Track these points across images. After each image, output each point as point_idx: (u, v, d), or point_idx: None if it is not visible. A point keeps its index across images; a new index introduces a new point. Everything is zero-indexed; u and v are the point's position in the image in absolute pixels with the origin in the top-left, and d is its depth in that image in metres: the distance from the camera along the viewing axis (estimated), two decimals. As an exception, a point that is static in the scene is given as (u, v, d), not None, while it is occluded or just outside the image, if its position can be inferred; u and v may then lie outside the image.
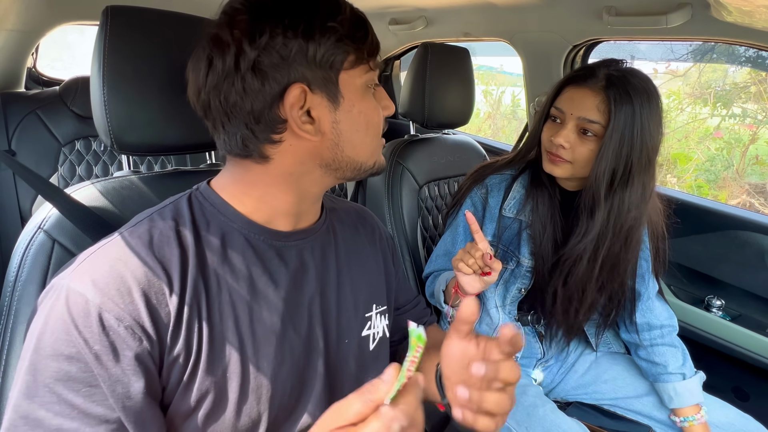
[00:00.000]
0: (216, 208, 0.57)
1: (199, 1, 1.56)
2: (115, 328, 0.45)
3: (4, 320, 0.62)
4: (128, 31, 0.67)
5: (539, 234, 1.02)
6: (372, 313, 0.68)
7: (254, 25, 0.50)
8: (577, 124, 0.92)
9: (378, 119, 0.59)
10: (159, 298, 0.48)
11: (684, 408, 1.01)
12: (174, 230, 0.53)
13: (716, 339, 1.31)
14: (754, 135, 3.13)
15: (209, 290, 0.52)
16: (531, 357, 1.14)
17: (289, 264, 0.59)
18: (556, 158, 0.95)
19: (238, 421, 0.52)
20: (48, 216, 0.65)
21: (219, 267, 0.54)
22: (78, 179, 1.59)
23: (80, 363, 0.44)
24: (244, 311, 0.53)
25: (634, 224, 0.96)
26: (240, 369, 0.52)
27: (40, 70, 2.10)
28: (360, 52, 0.54)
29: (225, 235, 0.56)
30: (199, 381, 0.49)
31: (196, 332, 0.50)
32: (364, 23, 0.55)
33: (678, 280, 1.44)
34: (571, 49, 1.51)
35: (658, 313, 1.08)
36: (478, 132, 4.35)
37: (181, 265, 0.51)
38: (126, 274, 0.48)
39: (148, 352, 0.47)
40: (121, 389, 0.45)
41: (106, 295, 0.46)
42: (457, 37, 1.84)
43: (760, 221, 1.29)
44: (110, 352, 0.45)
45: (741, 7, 0.92)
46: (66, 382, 0.44)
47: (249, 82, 0.50)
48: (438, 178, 1.39)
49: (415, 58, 1.35)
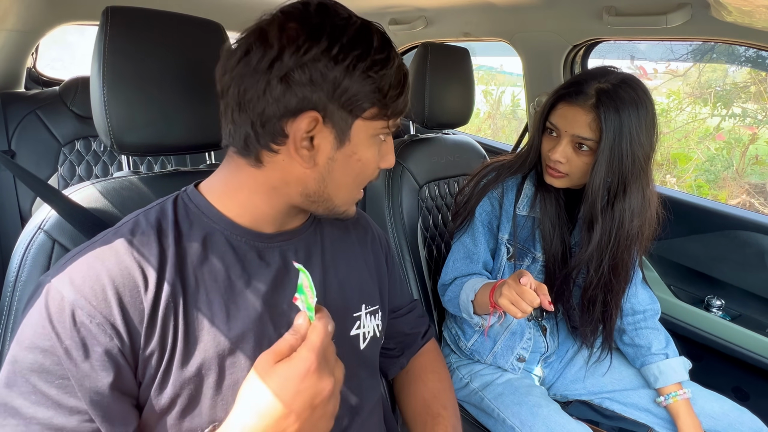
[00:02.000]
0: (200, 209, 0.58)
1: (199, 1, 1.57)
2: (87, 324, 0.47)
3: (4, 320, 0.62)
4: (128, 31, 0.67)
5: (549, 232, 1.05)
6: (361, 313, 0.69)
7: (304, 39, 0.50)
8: (572, 140, 0.94)
9: (370, 173, 0.59)
10: (133, 296, 0.50)
11: (667, 386, 1.04)
12: (156, 230, 0.55)
13: (716, 339, 1.31)
14: (754, 135, 3.13)
15: (186, 289, 0.53)
16: (536, 352, 1.15)
17: (271, 264, 0.60)
18: (554, 172, 0.98)
19: (215, 415, 0.53)
20: (48, 216, 0.66)
21: (198, 267, 0.55)
22: (78, 179, 1.59)
23: (53, 356, 0.46)
24: (221, 310, 0.54)
25: (639, 231, 0.98)
26: (216, 365, 0.53)
27: (40, 70, 2.10)
28: (386, 108, 0.55)
29: (207, 236, 0.57)
30: (174, 377, 0.51)
31: (171, 330, 0.51)
32: (403, 86, 0.55)
33: (678, 280, 1.44)
34: (571, 49, 1.51)
35: (641, 298, 1.12)
36: (478, 132, 4.36)
37: (159, 265, 0.52)
38: (102, 272, 0.49)
39: (118, 349, 0.48)
40: (89, 383, 0.47)
41: (80, 293, 0.48)
42: (457, 37, 1.84)
43: (760, 221, 1.28)
44: (80, 348, 0.47)
45: (741, 7, 0.92)
46: (40, 374, 0.46)
47: (273, 87, 0.50)
48: (438, 178, 1.39)
49: (415, 58, 1.35)
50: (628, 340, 1.11)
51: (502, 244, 1.09)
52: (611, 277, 1.01)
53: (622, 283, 1.03)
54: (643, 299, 1.12)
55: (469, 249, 1.10)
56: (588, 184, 0.94)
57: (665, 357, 1.06)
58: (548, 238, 1.05)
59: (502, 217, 1.08)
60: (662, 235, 1.08)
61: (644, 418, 1.07)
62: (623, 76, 0.93)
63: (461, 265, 1.10)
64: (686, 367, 1.06)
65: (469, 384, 1.14)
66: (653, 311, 1.12)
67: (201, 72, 0.72)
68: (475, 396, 1.11)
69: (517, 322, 1.12)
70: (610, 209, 0.95)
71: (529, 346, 1.13)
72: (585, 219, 0.98)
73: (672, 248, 1.41)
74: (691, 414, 1.00)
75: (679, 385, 1.04)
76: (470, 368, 1.15)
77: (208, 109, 0.74)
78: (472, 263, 1.09)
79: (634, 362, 1.12)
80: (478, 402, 1.10)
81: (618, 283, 1.02)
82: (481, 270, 1.09)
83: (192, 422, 0.52)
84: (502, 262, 1.10)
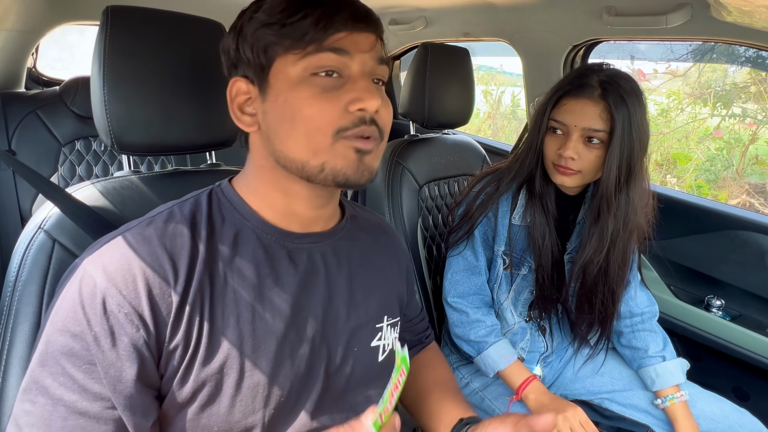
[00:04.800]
0: (233, 204, 0.58)
1: (199, 1, 1.57)
2: (116, 313, 0.47)
3: (4, 320, 0.62)
4: (128, 31, 0.67)
5: (539, 244, 1.04)
6: (383, 324, 0.67)
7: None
8: (582, 134, 0.94)
9: (311, 112, 0.52)
10: (163, 289, 0.50)
11: (665, 389, 1.03)
12: (189, 224, 0.54)
13: (716, 339, 1.31)
14: (754, 135, 3.13)
15: (214, 286, 0.53)
16: (535, 351, 1.15)
17: (298, 266, 0.59)
18: (566, 170, 0.96)
19: (231, 415, 0.52)
20: (48, 216, 0.65)
21: (228, 264, 0.54)
22: (78, 179, 1.59)
23: (83, 341, 0.47)
24: (247, 309, 0.54)
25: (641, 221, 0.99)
26: (238, 365, 0.52)
27: (40, 70, 2.10)
28: (287, 39, 0.51)
29: (238, 233, 0.56)
30: (196, 372, 0.51)
31: (196, 325, 0.51)
32: (295, 5, 0.52)
33: (678, 280, 1.44)
34: (571, 49, 1.50)
35: (640, 300, 1.12)
36: (478, 132, 4.35)
37: (190, 259, 0.52)
38: (134, 263, 0.50)
39: (144, 341, 0.48)
40: (114, 372, 0.47)
41: (112, 281, 0.48)
42: (457, 37, 1.84)
43: (760, 221, 1.28)
44: (108, 336, 0.47)
45: (741, 7, 0.92)
46: (70, 357, 0.47)
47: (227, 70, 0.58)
48: (438, 178, 1.39)
49: (415, 58, 1.35)
50: (626, 342, 1.11)
51: (498, 255, 1.09)
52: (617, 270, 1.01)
53: (621, 276, 1.02)
54: (642, 302, 1.12)
55: (471, 262, 1.10)
56: (603, 178, 0.93)
57: (662, 360, 1.05)
58: (538, 247, 1.04)
59: (498, 228, 1.07)
60: (662, 235, 1.08)
61: (643, 418, 1.06)
62: (616, 69, 0.97)
63: (463, 278, 1.10)
64: (684, 369, 1.06)
65: (469, 384, 1.14)
66: (651, 313, 1.12)
67: (201, 71, 0.72)
68: (475, 396, 1.11)
69: (518, 326, 1.12)
70: (616, 202, 0.95)
71: (527, 347, 1.13)
72: (594, 213, 0.97)
73: (672, 248, 1.41)
74: (688, 417, 1.00)
75: (676, 388, 1.03)
76: (471, 368, 1.15)
77: (209, 108, 0.74)
78: (475, 275, 1.10)
79: (631, 364, 1.12)
80: (478, 402, 1.11)
81: (618, 276, 1.02)
82: (484, 282, 1.10)
83: (209, 419, 0.52)
84: (499, 272, 1.10)
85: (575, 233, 1.09)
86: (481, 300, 1.10)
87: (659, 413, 1.05)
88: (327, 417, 0.59)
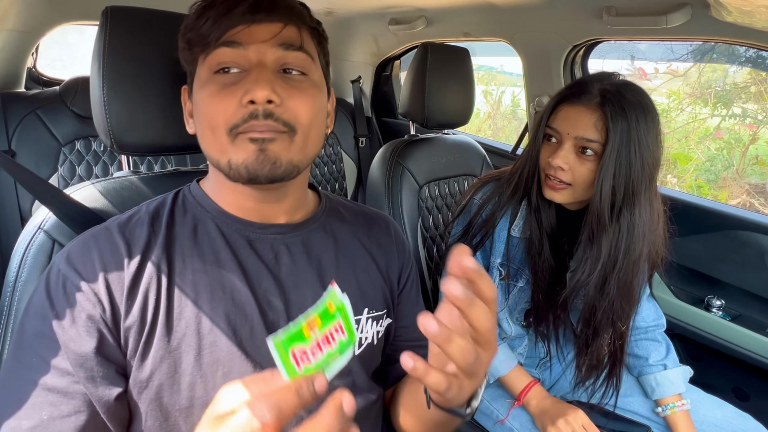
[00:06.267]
0: (196, 199, 0.62)
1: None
2: (75, 293, 0.52)
3: (5, 320, 0.62)
4: (128, 31, 0.67)
5: (535, 261, 0.99)
6: (361, 317, 0.66)
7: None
8: (575, 143, 0.88)
9: (209, 110, 0.53)
10: (117, 270, 0.54)
11: (666, 398, 1.02)
12: (151, 217, 0.59)
13: (716, 339, 1.31)
14: (754, 135, 3.13)
15: (172, 269, 0.56)
16: (534, 357, 1.14)
17: (261, 255, 0.60)
18: (555, 184, 0.91)
19: (194, 392, 0.54)
20: (48, 216, 0.66)
21: (187, 250, 0.57)
22: (78, 179, 1.59)
23: (48, 321, 0.51)
24: (206, 291, 0.56)
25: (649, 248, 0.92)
26: (195, 342, 0.54)
27: (40, 70, 2.10)
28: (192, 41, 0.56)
29: (198, 223, 0.60)
30: (155, 349, 0.53)
31: (152, 304, 0.54)
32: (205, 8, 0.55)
33: (678, 280, 1.44)
34: (571, 49, 1.51)
35: (646, 314, 1.08)
36: (478, 132, 4.35)
37: (146, 246, 0.56)
38: (93, 248, 0.54)
39: (100, 316, 0.52)
40: (74, 346, 0.50)
41: (72, 265, 0.53)
42: (457, 37, 1.84)
43: (760, 221, 1.28)
44: (69, 314, 0.51)
45: (741, 7, 0.92)
46: (40, 338, 0.51)
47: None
48: (438, 178, 1.39)
49: (415, 58, 1.35)
50: (628, 350, 1.07)
51: (494, 267, 1.06)
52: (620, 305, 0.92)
53: (626, 311, 0.94)
54: (648, 315, 1.07)
55: None
56: (595, 192, 0.86)
57: (663, 368, 1.03)
58: (534, 264, 0.99)
59: (495, 240, 1.04)
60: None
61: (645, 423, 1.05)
62: (626, 80, 0.90)
63: None
64: (686, 378, 1.03)
65: (468, 385, 1.13)
66: (657, 327, 1.08)
67: (201, 72, 0.72)
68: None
69: (515, 334, 1.10)
70: (616, 223, 0.88)
71: (525, 352, 1.12)
72: (588, 234, 0.90)
73: (672, 248, 1.41)
74: (689, 426, 0.98)
75: (678, 397, 1.01)
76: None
77: (208, 109, 0.74)
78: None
79: (632, 371, 1.10)
80: (477, 403, 1.10)
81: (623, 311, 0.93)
82: None
83: (172, 397, 0.54)
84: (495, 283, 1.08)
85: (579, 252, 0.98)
86: None
87: (661, 420, 1.04)
88: None
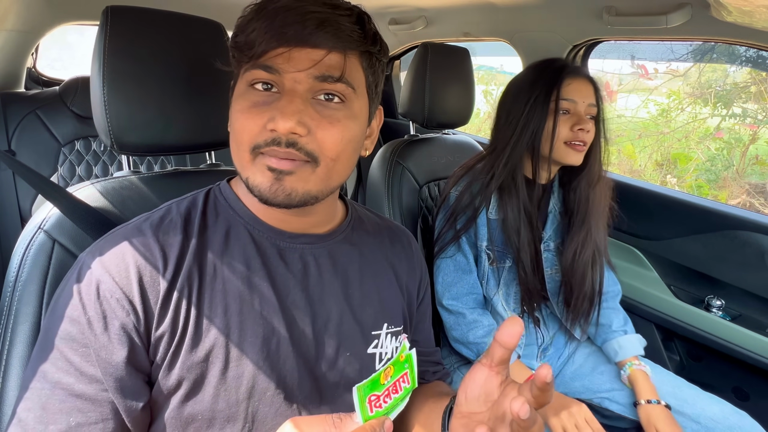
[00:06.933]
0: (228, 202, 0.60)
1: (199, 1, 1.57)
2: (108, 298, 0.50)
3: (4, 320, 0.62)
4: (128, 31, 0.67)
5: (514, 240, 1.06)
6: (381, 332, 0.65)
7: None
8: (586, 110, 1.03)
9: (237, 125, 0.52)
10: (153, 276, 0.52)
11: (627, 359, 1.09)
12: (183, 219, 0.57)
13: (716, 339, 1.31)
14: (754, 135, 3.13)
15: (203, 276, 0.55)
16: (532, 344, 1.16)
17: (289, 265, 0.59)
18: (581, 146, 1.03)
19: (216, 404, 0.53)
20: (48, 216, 0.65)
21: (218, 256, 0.56)
22: (78, 179, 1.59)
23: (79, 325, 0.49)
24: (236, 300, 0.55)
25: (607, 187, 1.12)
26: (223, 354, 0.53)
27: (40, 70, 2.10)
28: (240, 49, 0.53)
29: (230, 228, 0.58)
30: (182, 360, 0.52)
31: (183, 313, 0.52)
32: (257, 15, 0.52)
33: (678, 280, 1.44)
34: (571, 49, 1.50)
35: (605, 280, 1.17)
36: (478, 132, 4.35)
37: (180, 250, 0.54)
38: (127, 252, 0.52)
39: (134, 325, 0.50)
40: (105, 355, 0.49)
41: (106, 269, 0.51)
42: (457, 37, 1.84)
43: (760, 221, 1.28)
44: (101, 319, 0.49)
45: (741, 7, 0.92)
46: (67, 341, 0.49)
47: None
48: (438, 178, 1.39)
49: (415, 58, 1.35)
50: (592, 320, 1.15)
51: (482, 251, 1.10)
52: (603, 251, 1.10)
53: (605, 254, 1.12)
54: (606, 281, 1.18)
55: (461, 262, 1.11)
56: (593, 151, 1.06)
57: (624, 333, 1.12)
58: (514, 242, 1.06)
59: (478, 224, 1.09)
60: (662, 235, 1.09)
61: None
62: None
63: (456, 278, 1.11)
64: (642, 344, 1.12)
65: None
66: (614, 293, 1.21)
67: (201, 72, 0.72)
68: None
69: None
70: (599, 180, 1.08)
71: (523, 340, 1.14)
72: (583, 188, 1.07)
73: (672, 248, 1.41)
74: (647, 381, 1.04)
75: (636, 358, 1.09)
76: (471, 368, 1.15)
77: (208, 108, 0.74)
78: (466, 274, 1.11)
79: (596, 340, 1.17)
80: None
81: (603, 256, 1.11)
82: (476, 279, 1.12)
83: (194, 407, 0.53)
84: (485, 268, 1.11)
85: (549, 222, 1.13)
86: (475, 300, 1.11)
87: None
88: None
